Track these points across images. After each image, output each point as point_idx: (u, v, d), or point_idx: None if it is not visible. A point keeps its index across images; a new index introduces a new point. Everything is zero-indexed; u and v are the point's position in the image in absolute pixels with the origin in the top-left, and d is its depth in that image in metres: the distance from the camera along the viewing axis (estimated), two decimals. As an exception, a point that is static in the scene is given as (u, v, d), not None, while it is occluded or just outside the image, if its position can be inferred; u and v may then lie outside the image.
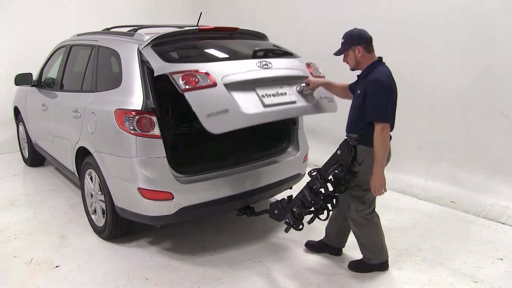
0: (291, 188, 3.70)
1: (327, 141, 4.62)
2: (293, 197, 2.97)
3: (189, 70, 2.82)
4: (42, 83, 4.78)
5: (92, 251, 3.35)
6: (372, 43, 2.79)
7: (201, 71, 2.83)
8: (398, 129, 2.89)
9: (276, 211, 3.06)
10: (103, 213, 3.43)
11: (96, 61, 3.67)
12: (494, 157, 4.04)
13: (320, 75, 3.55)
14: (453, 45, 4.18)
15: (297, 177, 3.69)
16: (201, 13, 3.94)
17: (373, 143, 2.67)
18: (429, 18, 4.32)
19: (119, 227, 3.38)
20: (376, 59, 2.80)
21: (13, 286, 2.91)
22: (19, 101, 5.36)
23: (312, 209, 2.87)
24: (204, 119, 2.65)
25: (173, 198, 2.95)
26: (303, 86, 3.24)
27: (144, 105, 2.96)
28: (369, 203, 2.90)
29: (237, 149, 3.66)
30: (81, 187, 3.73)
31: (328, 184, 2.79)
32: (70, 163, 3.91)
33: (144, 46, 3.08)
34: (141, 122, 2.92)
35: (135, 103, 2.98)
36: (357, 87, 2.86)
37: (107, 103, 3.22)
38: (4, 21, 6.19)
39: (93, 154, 3.32)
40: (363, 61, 2.78)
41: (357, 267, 3.04)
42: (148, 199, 2.95)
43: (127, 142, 2.96)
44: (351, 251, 3.21)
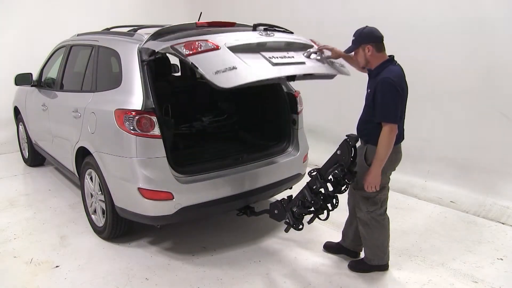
0: (291, 188, 3.70)
1: (327, 141, 4.63)
2: (293, 197, 2.97)
3: (190, 40, 2.76)
4: (42, 83, 4.78)
5: (92, 251, 3.35)
6: (383, 42, 2.72)
7: (202, 39, 2.77)
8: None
9: (276, 211, 3.06)
10: (103, 213, 3.43)
11: (96, 61, 3.67)
12: (494, 157, 4.03)
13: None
14: (453, 45, 4.18)
15: (297, 177, 3.69)
16: (201, 13, 3.95)
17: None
18: (429, 18, 4.32)
19: (119, 227, 3.38)
20: (387, 58, 2.73)
21: (13, 286, 2.91)
22: (19, 101, 5.36)
23: (312, 209, 2.87)
24: (212, 75, 2.50)
25: (173, 198, 2.95)
26: (310, 51, 3.08)
27: (144, 105, 2.95)
28: (381, 203, 2.89)
29: (237, 149, 3.65)
30: (81, 187, 3.73)
31: (328, 184, 2.80)
32: (70, 163, 3.91)
33: (144, 43, 3.08)
34: (141, 122, 2.92)
35: (135, 103, 2.98)
36: (367, 85, 2.82)
37: (107, 103, 3.22)
38: (4, 21, 6.19)
39: (93, 154, 3.32)
40: (372, 60, 2.72)
41: (357, 267, 3.04)
42: (148, 199, 2.95)
43: (127, 142, 2.96)
44: (351, 251, 3.20)
